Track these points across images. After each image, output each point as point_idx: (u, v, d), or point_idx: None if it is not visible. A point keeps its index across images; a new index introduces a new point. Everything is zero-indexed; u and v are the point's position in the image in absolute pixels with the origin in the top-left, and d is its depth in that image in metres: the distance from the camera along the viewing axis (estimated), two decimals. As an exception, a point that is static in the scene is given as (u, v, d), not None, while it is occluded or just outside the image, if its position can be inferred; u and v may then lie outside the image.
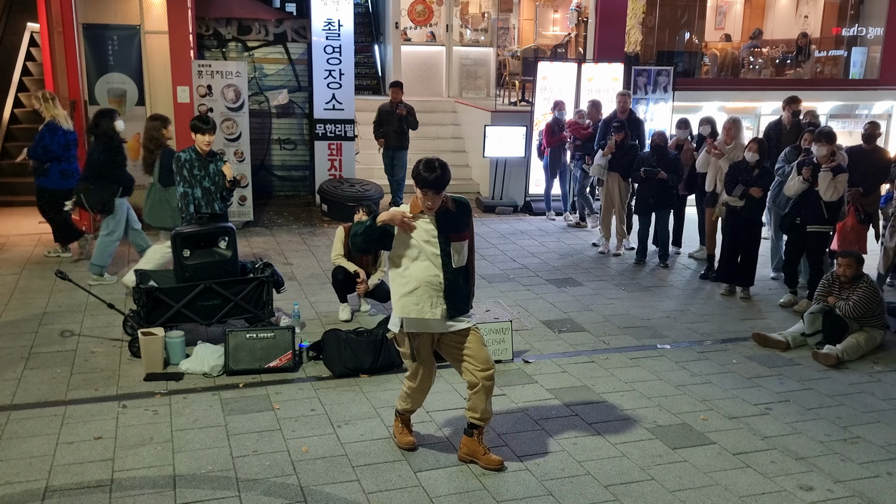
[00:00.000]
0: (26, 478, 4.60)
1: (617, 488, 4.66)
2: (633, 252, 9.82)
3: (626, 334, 7.23)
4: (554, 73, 12.37)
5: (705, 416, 5.61)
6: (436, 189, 4.42)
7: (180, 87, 10.26)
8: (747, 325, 7.57)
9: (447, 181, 4.46)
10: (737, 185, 8.06)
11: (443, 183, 4.43)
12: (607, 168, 9.79)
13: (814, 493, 4.67)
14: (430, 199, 4.45)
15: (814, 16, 16.15)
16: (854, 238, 8.49)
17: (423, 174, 4.40)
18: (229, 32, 12.26)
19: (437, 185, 4.41)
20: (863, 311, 6.86)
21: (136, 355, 6.26)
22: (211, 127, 6.92)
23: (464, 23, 17.03)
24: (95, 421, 5.29)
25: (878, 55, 14.74)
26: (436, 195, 4.45)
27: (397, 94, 11.41)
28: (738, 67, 15.65)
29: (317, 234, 10.52)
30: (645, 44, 14.85)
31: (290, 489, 4.55)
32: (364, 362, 6.10)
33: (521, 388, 5.99)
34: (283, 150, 12.73)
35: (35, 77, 12.74)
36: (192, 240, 6.51)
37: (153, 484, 4.57)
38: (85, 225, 9.92)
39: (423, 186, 4.42)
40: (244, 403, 5.60)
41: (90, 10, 10.08)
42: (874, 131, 8.94)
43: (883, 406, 5.91)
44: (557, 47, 16.71)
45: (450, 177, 4.49)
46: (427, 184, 4.40)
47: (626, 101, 10.68)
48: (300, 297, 7.84)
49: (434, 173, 4.39)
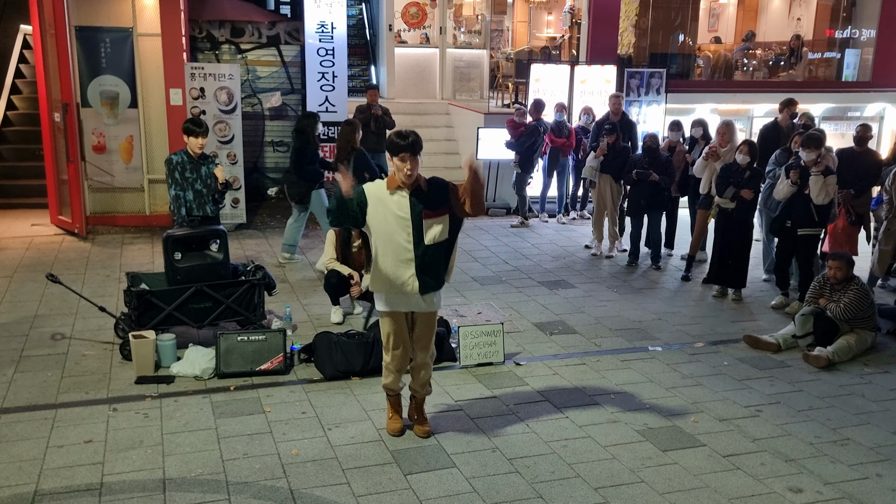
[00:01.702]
0: (16, 481, 4.59)
1: (607, 490, 4.67)
2: (625, 254, 9.85)
3: (618, 336, 7.24)
4: (547, 76, 12.39)
5: (696, 419, 5.62)
6: (412, 152, 4.61)
7: (173, 89, 10.25)
8: (738, 326, 7.58)
9: (421, 145, 4.66)
10: (728, 187, 8.08)
11: (417, 146, 4.63)
12: (599, 170, 9.81)
13: (803, 496, 4.68)
14: (408, 164, 4.61)
15: (806, 18, 16.20)
16: (845, 240, 8.51)
17: (397, 141, 4.61)
18: (222, 35, 12.26)
19: (412, 149, 4.60)
20: (853, 312, 6.88)
21: (127, 358, 6.25)
22: (204, 130, 6.92)
23: (457, 25, 17.04)
24: (86, 424, 5.29)
25: (870, 57, 14.79)
26: (413, 159, 4.62)
27: (374, 96, 11.44)
28: (731, 69, 15.69)
29: (309, 236, 10.50)
30: (638, 46, 14.88)
31: (280, 492, 4.55)
32: (355, 365, 6.10)
33: (513, 390, 5.99)
34: (276, 152, 12.72)
35: (28, 79, 12.72)
36: (184, 242, 6.50)
37: (143, 487, 4.57)
38: (77, 226, 9.92)
39: (400, 151, 4.59)
40: (235, 406, 5.60)
41: (83, 13, 10.06)
42: (866, 134, 8.97)
43: (873, 408, 5.92)
44: (548, 49, 16.74)
45: (422, 143, 4.70)
46: (402, 148, 4.59)
47: (619, 104, 10.72)
48: (292, 299, 7.84)
49: (408, 139, 4.60)
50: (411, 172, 4.63)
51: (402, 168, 4.63)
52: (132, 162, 10.52)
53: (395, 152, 4.63)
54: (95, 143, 10.33)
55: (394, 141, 4.63)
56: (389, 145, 4.64)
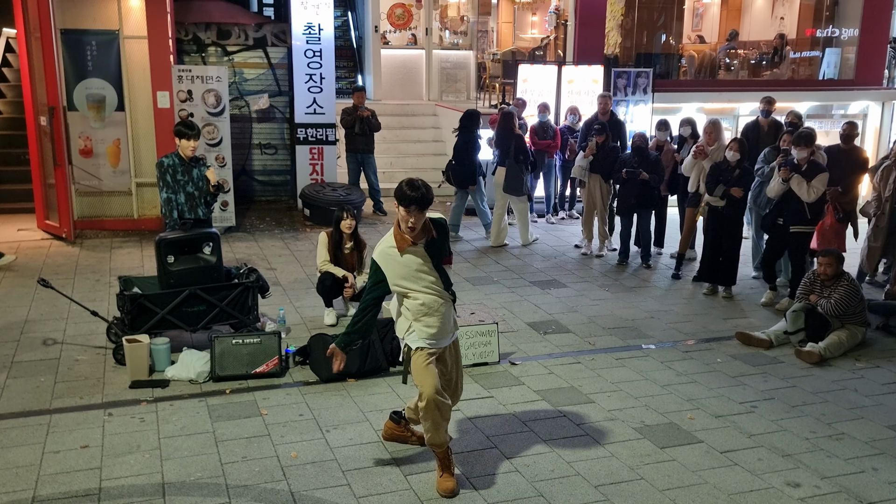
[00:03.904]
0: (13, 488, 4.55)
1: (607, 488, 4.68)
2: (615, 253, 9.88)
3: (611, 335, 7.27)
4: (535, 76, 12.42)
5: (692, 415, 5.65)
6: (420, 206, 4.36)
7: (160, 92, 10.19)
8: (730, 324, 7.63)
9: (431, 199, 4.41)
10: (718, 185, 8.13)
11: (427, 201, 4.38)
12: (589, 170, 9.84)
13: (801, 490, 4.72)
14: (413, 216, 4.38)
15: (789, 17, 16.33)
16: (833, 236, 8.59)
17: (408, 192, 4.33)
18: (209, 37, 12.21)
19: (421, 203, 4.35)
20: (844, 308, 6.94)
21: (120, 363, 6.21)
22: (195, 132, 6.89)
23: (443, 26, 17.06)
24: (81, 429, 5.25)
25: (852, 56, 14.93)
26: (420, 213, 4.40)
27: (360, 97, 11.44)
28: (716, 69, 15.79)
29: (299, 238, 10.48)
30: (623, 46, 14.95)
31: (280, 494, 4.54)
32: (351, 367, 6.07)
33: (509, 389, 6.00)
34: (264, 154, 12.68)
35: (12, 83, 12.61)
36: (177, 246, 6.46)
37: (142, 492, 4.54)
38: (65, 231, 9.85)
39: (409, 204, 4.35)
40: (231, 409, 5.57)
41: (68, 16, 9.99)
42: (852, 131, 9.05)
43: (866, 402, 5.98)
44: (536, 50, 16.79)
45: (433, 196, 4.45)
46: (412, 201, 4.33)
47: (607, 103, 10.76)
48: (285, 302, 7.82)
49: (418, 191, 4.33)
50: (414, 226, 4.41)
51: (407, 220, 4.40)
52: (120, 165, 10.46)
53: (404, 203, 4.36)
54: (82, 146, 10.26)
55: (403, 191, 4.34)
56: (399, 193, 4.37)
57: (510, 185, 10.09)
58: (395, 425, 5.11)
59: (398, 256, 4.47)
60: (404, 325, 4.61)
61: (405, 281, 4.49)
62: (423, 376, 4.53)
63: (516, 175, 10.04)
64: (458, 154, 10.52)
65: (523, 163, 10.04)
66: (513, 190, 10.11)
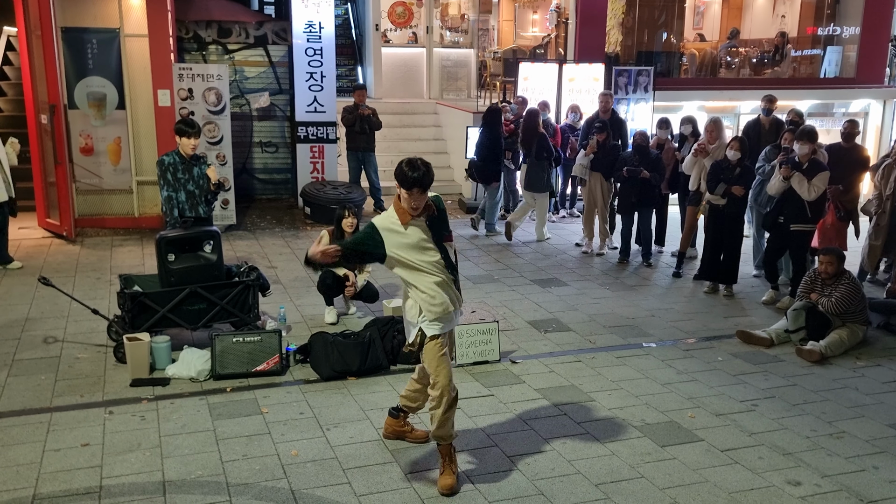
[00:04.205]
0: (14, 486, 4.55)
1: (608, 486, 4.68)
2: (616, 251, 9.88)
3: (612, 333, 7.27)
4: (535, 74, 12.41)
5: (692, 414, 5.65)
6: (422, 187, 4.33)
7: (161, 90, 10.19)
8: (731, 322, 7.63)
9: (432, 179, 4.37)
10: (719, 183, 8.13)
11: (428, 181, 4.34)
12: (589, 168, 9.83)
13: (802, 488, 4.72)
14: (415, 198, 4.35)
15: (790, 15, 16.30)
16: (834, 235, 8.58)
17: (408, 173, 4.29)
18: (209, 35, 12.20)
19: (423, 184, 4.31)
20: (845, 307, 6.94)
21: (121, 361, 6.21)
22: (196, 130, 6.88)
23: (444, 24, 17.05)
24: (82, 427, 5.25)
25: (853, 54, 14.90)
26: (422, 194, 4.36)
27: (361, 96, 11.44)
28: (717, 67, 15.77)
29: (300, 236, 10.48)
30: (624, 44, 14.93)
31: (281, 493, 4.54)
32: (351, 365, 6.09)
33: (509, 388, 6.00)
34: (264, 152, 12.68)
35: (13, 81, 12.60)
36: (177, 244, 6.47)
37: (143, 490, 4.54)
38: (66, 229, 9.85)
39: (410, 186, 4.30)
40: (232, 408, 5.58)
41: (69, 14, 9.99)
42: (853, 130, 9.03)
43: (866, 401, 5.97)
44: (537, 48, 16.77)
45: (433, 175, 4.41)
46: (413, 182, 4.29)
47: (608, 102, 10.76)
48: (285, 300, 7.82)
49: (419, 171, 4.29)
50: (417, 206, 4.39)
51: (409, 201, 4.37)
52: (120, 163, 10.47)
53: (405, 185, 4.31)
54: (83, 144, 10.27)
55: (404, 172, 4.28)
56: (399, 175, 4.32)
57: (531, 182, 10.37)
58: (395, 420, 5.13)
59: (402, 229, 4.44)
60: (414, 308, 4.57)
61: (408, 251, 4.45)
62: (439, 365, 4.55)
63: (538, 173, 10.26)
64: (480, 150, 10.68)
65: (546, 160, 10.23)
66: (534, 187, 10.38)
